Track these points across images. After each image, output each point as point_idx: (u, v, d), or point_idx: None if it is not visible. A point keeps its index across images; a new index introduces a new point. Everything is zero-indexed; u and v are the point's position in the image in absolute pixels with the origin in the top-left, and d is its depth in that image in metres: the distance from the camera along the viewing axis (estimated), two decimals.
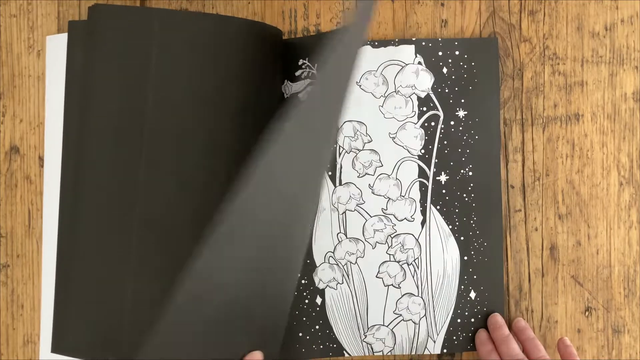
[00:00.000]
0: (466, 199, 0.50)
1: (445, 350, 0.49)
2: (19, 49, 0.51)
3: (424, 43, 0.50)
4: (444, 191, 0.50)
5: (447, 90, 0.50)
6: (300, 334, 0.49)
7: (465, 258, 0.50)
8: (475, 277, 0.50)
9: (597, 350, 0.50)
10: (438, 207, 0.50)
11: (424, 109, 0.50)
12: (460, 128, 0.50)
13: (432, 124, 0.50)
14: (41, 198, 0.50)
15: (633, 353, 0.50)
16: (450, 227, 0.50)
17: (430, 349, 0.49)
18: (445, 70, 0.50)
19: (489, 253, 0.50)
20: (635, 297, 0.51)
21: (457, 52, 0.50)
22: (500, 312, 0.49)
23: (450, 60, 0.50)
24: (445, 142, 0.50)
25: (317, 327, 0.49)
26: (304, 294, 0.49)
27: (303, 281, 0.49)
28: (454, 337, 0.49)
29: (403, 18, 0.51)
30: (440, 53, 0.50)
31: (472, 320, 0.50)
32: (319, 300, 0.49)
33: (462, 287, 0.49)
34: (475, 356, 0.50)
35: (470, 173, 0.50)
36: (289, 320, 0.48)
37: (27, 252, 0.50)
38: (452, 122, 0.50)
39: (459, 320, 0.49)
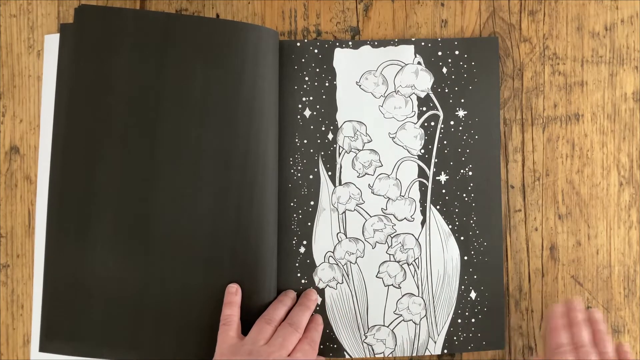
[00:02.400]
0: (466, 199, 0.50)
1: (445, 351, 0.49)
2: (19, 49, 0.51)
3: (423, 43, 0.50)
4: (443, 191, 0.50)
5: (446, 90, 0.50)
6: None
7: (466, 258, 0.50)
8: (475, 277, 0.49)
9: None
10: (438, 207, 0.50)
11: (424, 108, 0.50)
12: (460, 128, 0.50)
13: (432, 123, 0.50)
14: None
15: (633, 353, 0.50)
16: (450, 227, 0.50)
17: (431, 350, 0.49)
18: (445, 70, 0.50)
19: (489, 253, 0.50)
20: (635, 297, 0.51)
21: (456, 52, 0.50)
22: (501, 312, 0.49)
23: (450, 60, 0.50)
24: (445, 142, 0.50)
25: None
26: None
27: (303, 281, 0.49)
28: (455, 338, 0.49)
29: (403, 18, 0.51)
30: (439, 53, 0.50)
31: (473, 320, 0.49)
32: (318, 299, 0.49)
33: (463, 287, 0.49)
34: (477, 356, 0.50)
35: (470, 173, 0.50)
36: None
37: (27, 252, 0.50)
38: (451, 122, 0.50)
39: (459, 321, 0.49)
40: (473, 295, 0.49)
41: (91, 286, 0.46)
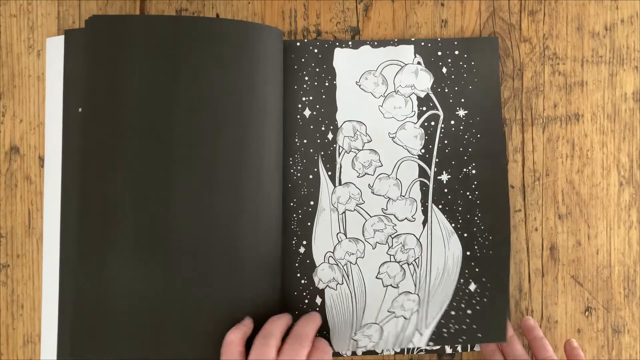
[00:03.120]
0: (470, 197, 0.50)
1: (431, 343, 0.48)
2: (19, 49, 0.51)
3: (423, 43, 0.50)
4: (445, 190, 0.50)
5: (446, 90, 0.50)
6: None
7: (468, 253, 0.49)
8: (477, 269, 0.49)
9: (597, 350, 0.50)
10: (440, 207, 0.50)
11: (424, 108, 0.50)
12: (461, 127, 0.50)
13: (432, 123, 0.50)
14: (41, 198, 0.50)
15: (633, 353, 0.50)
16: (453, 225, 0.49)
17: (415, 342, 0.48)
18: (444, 70, 0.50)
19: (494, 247, 0.49)
20: (635, 297, 0.51)
21: (456, 52, 0.50)
22: (505, 303, 0.48)
23: (449, 60, 0.50)
24: (445, 142, 0.50)
25: None
26: (304, 293, 0.49)
27: (303, 281, 0.49)
28: (444, 330, 0.48)
29: (403, 18, 0.51)
30: (439, 53, 0.50)
31: (469, 312, 0.49)
32: (318, 300, 0.49)
33: (462, 280, 0.49)
34: (477, 356, 0.50)
35: (474, 171, 0.50)
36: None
37: (27, 252, 0.50)
38: (452, 122, 0.50)
39: (452, 313, 0.49)
40: (472, 287, 0.49)
41: (111, 296, 0.45)
